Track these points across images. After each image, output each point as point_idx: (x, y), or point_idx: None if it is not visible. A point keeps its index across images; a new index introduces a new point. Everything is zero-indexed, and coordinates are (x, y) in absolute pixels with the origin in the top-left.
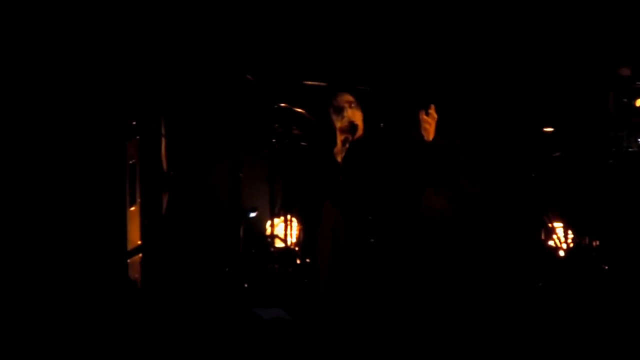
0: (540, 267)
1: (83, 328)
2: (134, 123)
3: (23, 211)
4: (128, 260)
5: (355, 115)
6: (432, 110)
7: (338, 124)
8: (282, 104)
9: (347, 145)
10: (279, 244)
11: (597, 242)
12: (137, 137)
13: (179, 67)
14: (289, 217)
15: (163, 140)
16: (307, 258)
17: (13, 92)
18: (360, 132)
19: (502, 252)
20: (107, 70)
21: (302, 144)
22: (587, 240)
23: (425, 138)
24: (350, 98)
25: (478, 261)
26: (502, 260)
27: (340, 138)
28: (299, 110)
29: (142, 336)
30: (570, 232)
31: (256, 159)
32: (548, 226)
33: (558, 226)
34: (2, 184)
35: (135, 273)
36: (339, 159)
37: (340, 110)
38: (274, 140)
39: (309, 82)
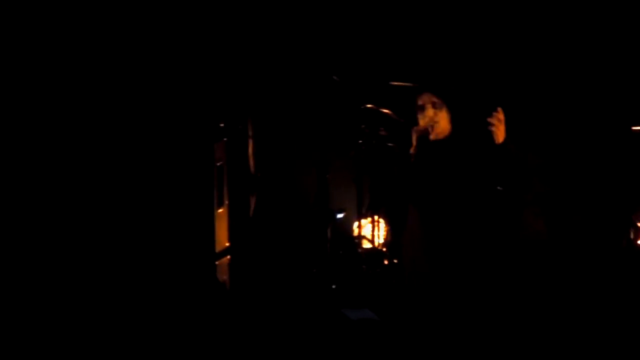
0: (631, 268)
1: (172, 329)
2: (222, 125)
3: (114, 213)
4: (216, 262)
5: (438, 116)
6: (499, 113)
7: (420, 123)
8: (369, 105)
9: (420, 146)
10: (366, 245)
11: None
12: (225, 139)
13: (266, 69)
14: (376, 218)
15: (250, 141)
16: (395, 259)
17: (102, 93)
18: (444, 133)
19: (595, 259)
20: (195, 72)
21: (389, 145)
22: None
23: (495, 141)
24: (433, 97)
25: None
26: (596, 266)
27: (414, 137)
28: (386, 111)
29: (231, 337)
30: None
31: (343, 161)
32: (637, 226)
33: None
34: (92, 184)
35: (223, 275)
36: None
37: (422, 109)
38: (360, 142)
39: (396, 83)
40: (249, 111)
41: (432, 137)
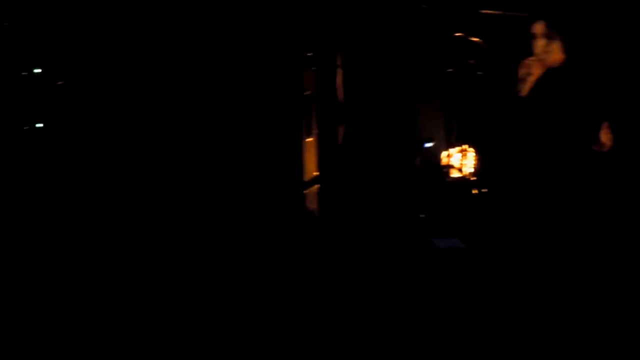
0: None
1: (262, 259)
2: (310, 54)
3: (203, 144)
4: (305, 191)
5: (550, 46)
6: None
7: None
8: (458, 33)
9: (532, 79)
10: (454, 174)
11: None
12: (314, 68)
13: None
14: (464, 147)
15: (339, 71)
16: (484, 188)
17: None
18: (557, 63)
19: None
20: (284, 1)
21: (478, 73)
22: None
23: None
24: (545, 27)
25: None
26: None
27: (523, 70)
28: (475, 39)
29: (319, 265)
30: None
31: (432, 89)
32: None
33: None
34: (188, 115)
35: (312, 204)
36: (525, 92)
37: (535, 39)
38: (449, 70)
39: (485, 11)
40: (338, 40)
41: (540, 70)
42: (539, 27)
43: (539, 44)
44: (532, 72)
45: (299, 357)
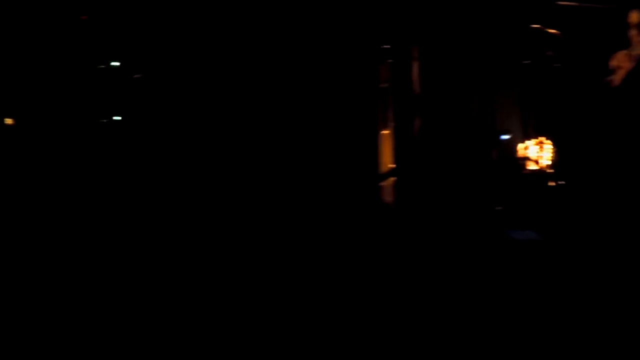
0: None
1: (333, 249)
2: (387, 47)
3: (281, 137)
4: (381, 184)
5: None
6: None
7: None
8: (535, 25)
9: (623, 71)
10: (531, 166)
11: None
12: (390, 60)
13: None
14: (541, 139)
15: (415, 63)
16: (561, 180)
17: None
18: None
19: None
20: None
21: (555, 65)
22: None
23: None
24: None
25: None
26: None
27: (614, 62)
28: (552, 31)
29: (395, 258)
30: None
31: (509, 81)
32: None
33: None
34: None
35: (388, 196)
36: (616, 83)
37: (630, 29)
38: (526, 62)
39: (563, 2)
40: (414, 32)
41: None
42: (635, 17)
43: (634, 34)
44: (623, 64)
45: (385, 344)
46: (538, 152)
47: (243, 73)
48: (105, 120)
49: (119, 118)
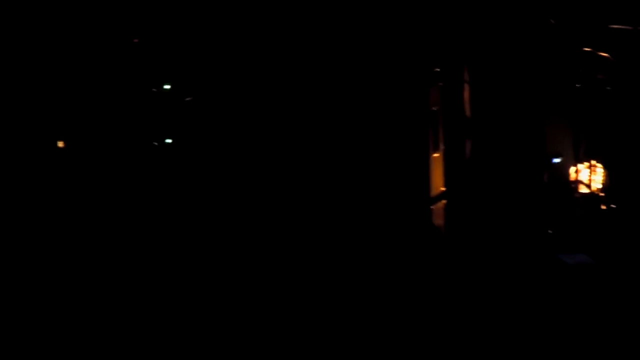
0: None
1: (384, 271)
2: (437, 70)
3: (334, 159)
4: (432, 207)
5: None
6: None
7: None
8: (586, 48)
9: None
10: (583, 189)
11: None
12: (440, 84)
13: (482, 13)
14: (593, 162)
15: (466, 86)
16: (613, 204)
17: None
18: None
19: None
20: (411, 18)
21: (607, 88)
22: None
23: None
24: None
25: None
26: None
27: None
28: (604, 54)
29: (444, 279)
30: None
31: (560, 104)
32: None
33: None
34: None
35: (438, 219)
36: None
37: None
38: (578, 86)
39: (614, 26)
40: (465, 56)
41: None
42: None
43: None
44: None
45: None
46: (589, 176)
47: (293, 96)
48: (156, 143)
49: (170, 140)
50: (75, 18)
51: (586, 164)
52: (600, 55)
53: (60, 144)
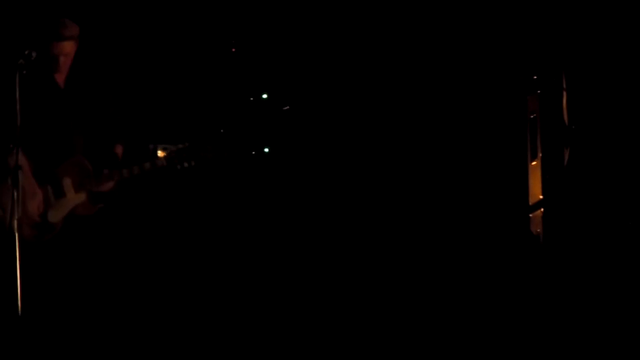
0: None
1: (481, 279)
2: (535, 77)
3: (430, 166)
4: (530, 215)
5: None
6: None
7: None
8: None
9: None
10: None
11: None
12: (538, 91)
13: (578, 20)
14: None
15: (564, 93)
16: None
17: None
18: None
19: None
20: (508, 27)
21: None
22: None
23: None
24: None
25: None
26: None
27: None
28: None
29: (543, 288)
30: None
31: None
32: None
33: None
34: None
35: (536, 227)
36: None
37: None
38: None
39: None
40: (563, 62)
41: None
42: None
43: None
44: None
45: None
46: None
47: (390, 103)
48: (254, 152)
49: (267, 150)
50: (175, 28)
51: None
52: None
53: (160, 154)
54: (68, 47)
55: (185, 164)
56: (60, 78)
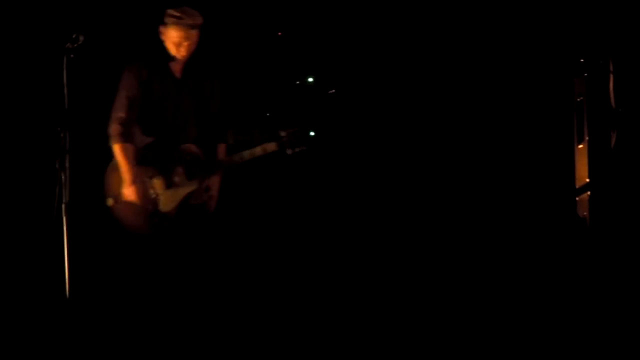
0: None
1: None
2: (582, 60)
3: (476, 149)
4: (576, 198)
5: None
6: None
7: None
8: None
9: None
10: None
11: None
12: (585, 74)
13: (625, 2)
14: None
15: (611, 76)
16: None
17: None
18: None
19: None
20: (557, 10)
21: None
22: None
23: None
24: None
25: None
26: None
27: None
28: None
29: (590, 273)
30: None
31: None
32: None
33: None
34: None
35: (583, 211)
36: None
37: None
38: None
39: None
40: (610, 46)
41: None
42: None
43: None
44: None
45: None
46: None
47: (434, 85)
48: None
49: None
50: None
51: None
52: None
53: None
54: (194, 36)
55: (297, 149)
56: (177, 67)
